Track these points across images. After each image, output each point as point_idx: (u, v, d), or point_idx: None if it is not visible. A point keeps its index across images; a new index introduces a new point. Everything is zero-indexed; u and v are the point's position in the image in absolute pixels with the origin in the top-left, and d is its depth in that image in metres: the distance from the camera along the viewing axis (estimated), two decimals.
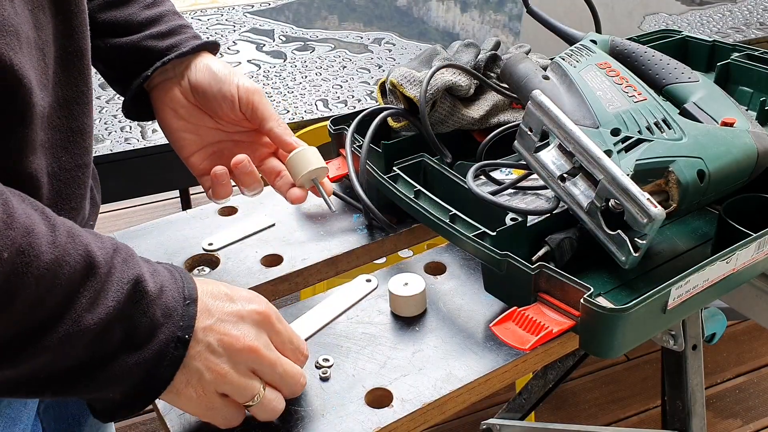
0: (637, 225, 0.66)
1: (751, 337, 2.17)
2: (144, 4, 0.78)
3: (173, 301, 0.54)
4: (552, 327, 0.65)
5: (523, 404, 1.48)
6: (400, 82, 0.87)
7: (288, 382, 0.59)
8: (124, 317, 0.52)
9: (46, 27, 0.58)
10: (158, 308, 0.53)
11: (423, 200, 0.78)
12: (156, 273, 0.55)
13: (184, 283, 0.56)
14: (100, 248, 0.52)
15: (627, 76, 0.79)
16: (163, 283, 0.55)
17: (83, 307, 0.50)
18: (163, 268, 0.57)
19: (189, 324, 0.54)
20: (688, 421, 1.17)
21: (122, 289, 0.52)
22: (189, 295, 0.56)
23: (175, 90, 0.76)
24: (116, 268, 0.52)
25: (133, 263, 0.54)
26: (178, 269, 0.58)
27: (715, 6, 1.90)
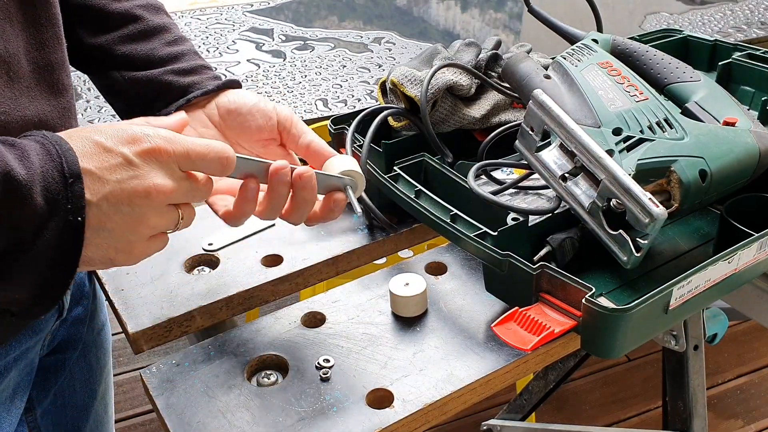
0: (639, 225, 0.66)
1: (752, 338, 2.17)
2: (165, 41, 0.76)
3: (55, 184, 0.49)
4: (553, 327, 0.65)
5: (524, 405, 1.48)
6: (401, 81, 0.87)
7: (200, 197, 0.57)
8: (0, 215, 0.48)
9: (14, 39, 0.57)
10: (38, 195, 0.48)
11: (424, 200, 0.77)
12: (26, 156, 0.49)
13: (62, 156, 0.50)
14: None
15: (628, 75, 0.79)
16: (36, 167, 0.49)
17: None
18: (34, 143, 0.51)
19: (78, 205, 0.50)
20: (689, 421, 1.17)
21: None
22: (71, 171, 0.50)
23: (198, 112, 0.73)
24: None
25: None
26: (51, 139, 0.51)
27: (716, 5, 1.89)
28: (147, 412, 1.94)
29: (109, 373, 0.87)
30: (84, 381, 0.81)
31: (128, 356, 2.06)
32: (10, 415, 0.69)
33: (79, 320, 0.80)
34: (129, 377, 2.02)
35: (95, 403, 0.83)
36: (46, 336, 0.74)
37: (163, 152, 0.53)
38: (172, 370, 0.67)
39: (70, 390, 0.80)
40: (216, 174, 0.57)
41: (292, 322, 0.72)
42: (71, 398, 0.79)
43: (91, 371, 0.82)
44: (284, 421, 0.62)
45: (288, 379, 0.66)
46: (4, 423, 0.68)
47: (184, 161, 0.54)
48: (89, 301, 0.82)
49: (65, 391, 0.79)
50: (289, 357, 0.68)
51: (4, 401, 0.68)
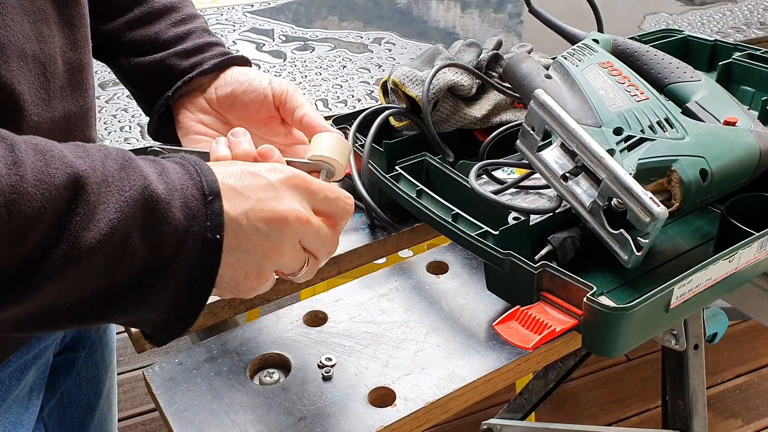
0: (640, 224, 0.66)
1: (751, 338, 2.17)
2: (172, 21, 0.76)
3: (194, 200, 0.48)
4: (555, 326, 0.65)
5: (524, 404, 1.48)
6: (402, 81, 0.87)
7: (327, 247, 0.56)
8: (138, 229, 0.46)
9: (51, 40, 0.57)
10: (178, 211, 0.47)
11: (425, 199, 0.78)
12: (165, 172, 0.49)
13: (202, 176, 0.50)
14: (83, 157, 0.46)
15: (629, 75, 0.79)
16: (175, 183, 0.48)
17: (78, 225, 0.44)
18: (173, 164, 0.50)
19: (217, 222, 0.49)
20: (689, 420, 1.17)
21: (124, 198, 0.46)
22: (210, 190, 0.49)
23: (199, 98, 0.73)
24: (112, 177, 0.46)
25: (134, 167, 0.48)
26: (191, 160, 0.51)
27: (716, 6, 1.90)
28: (148, 412, 1.94)
29: (114, 372, 0.87)
30: (90, 380, 0.81)
31: (129, 356, 2.07)
32: (27, 413, 0.69)
33: None
34: (130, 377, 2.02)
35: (100, 402, 0.83)
36: (60, 334, 0.74)
37: (303, 183, 0.54)
38: (174, 369, 0.67)
39: (76, 389, 0.80)
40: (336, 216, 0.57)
41: (294, 321, 0.73)
42: (77, 397, 0.79)
43: (96, 370, 0.82)
44: (286, 419, 0.62)
45: (290, 378, 0.66)
46: (24, 420, 0.68)
47: (319, 198, 0.55)
48: None
49: (71, 390, 0.79)
50: (291, 356, 0.68)
51: (22, 399, 0.68)
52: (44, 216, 0.43)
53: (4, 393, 0.66)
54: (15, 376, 0.67)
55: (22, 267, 0.43)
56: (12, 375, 0.66)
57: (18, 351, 0.66)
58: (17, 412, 0.68)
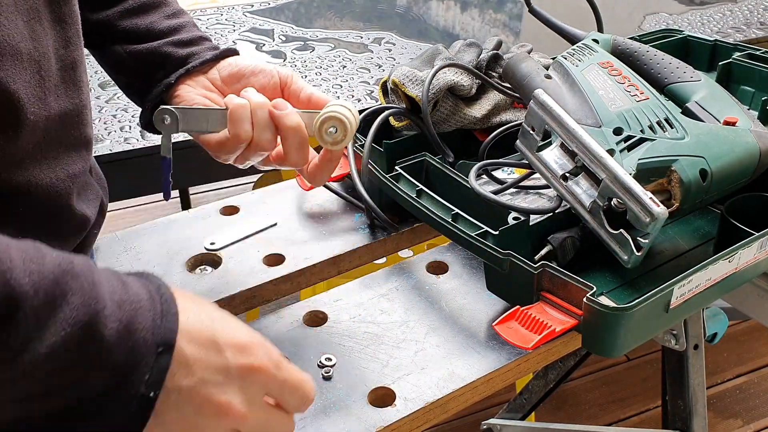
0: (640, 224, 0.66)
1: (751, 338, 2.17)
2: (165, 14, 0.77)
3: (143, 346, 0.43)
4: (555, 326, 0.65)
5: (524, 404, 1.48)
6: (402, 81, 0.87)
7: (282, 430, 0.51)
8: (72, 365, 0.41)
9: (44, 38, 0.57)
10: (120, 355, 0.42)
11: (425, 199, 0.78)
12: (125, 305, 0.43)
13: (163, 320, 0.44)
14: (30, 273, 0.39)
15: (629, 75, 0.79)
16: (132, 322, 0.43)
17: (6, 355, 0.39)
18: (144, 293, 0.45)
19: (158, 378, 0.43)
20: (689, 420, 1.17)
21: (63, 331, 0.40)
22: (164, 340, 0.44)
23: (200, 78, 0.74)
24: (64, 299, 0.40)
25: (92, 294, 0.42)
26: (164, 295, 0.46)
27: (716, 6, 1.90)
28: None
29: None
30: None
31: None
32: None
33: None
34: None
35: None
36: None
37: (265, 375, 0.48)
38: None
39: None
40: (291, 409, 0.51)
41: (294, 321, 0.73)
42: None
43: None
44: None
45: None
46: None
47: (276, 389, 0.49)
48: None
49: None
50: (291, 355, 0.68)
51: None
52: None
53: None
54: None
55: None
56: None
57: None
58: None
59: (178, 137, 1.32)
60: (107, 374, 0.42)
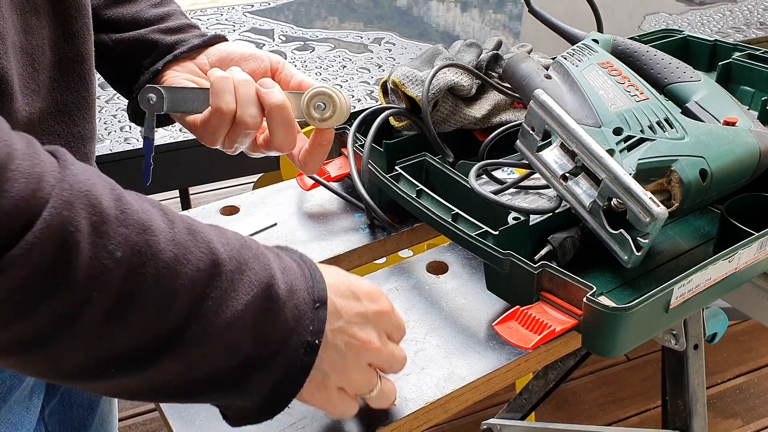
0: (640, 224, 0.66)
1: (751, 338, 2.17)
2: (152, 2, 0.77)
3: (304, 304, 0.51)
4: (555, 326, 0.65)
5: (524, 404, 1.48)
6: (402, 81, 0.87)
7: (397, 366, 0.59)
8: (255, 321, 0.48)
9: (39, 31, 0.57)
10: (289, 312, 0.50)
11: (425, 199, 0.78)
12: (286, 271, 0.52)
13: (314, 282, 0.53)
14: (224, 244, 0.48)
15: (629, 75, 0.79)
16: (293, 284, 0.51)
17: (209, 309, 0.46)
18: (292, 262, 0.53)
19: (319, 329, 0.52)
20: (689, 420, 1.17)
21: (251, 291, 0.48)
22: (319, 297, 0.53)
23: (188, 63, 0.73)
24: (246, 266, 0.49)
25: (264, 261, 0.50)
26: (307, 262, 0.55)
27: (715, 6, 1.90)
28: (148, 412, 1.94)
29: None
30: None
31: None
32: (29, 413, 0.69)
33: None
34: None
35: (101, 402, 0.83)
36: None
37: (389, 316, 0.58)
38: None
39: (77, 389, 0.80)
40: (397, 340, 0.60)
41: None
42: (78, 397, 0.79)
43: None
44: (286, 419, 0.62)
45: None
46: (24, 421, 0.68)
47: (394, 329, 0.59)
48: None
49: (72, 391, 0.79)
50: None
51: (23, 400, 0.68)
52: (182, 294, 0.45)
53: (5, 394, 0.65)
54: (16, 376, 0.67)
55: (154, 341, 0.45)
56: (13, 375, 0.66)
57: None
58: (18, 413, 0.68)
59: (178, 137, 1.32)
60: (281, 328, 0.50)
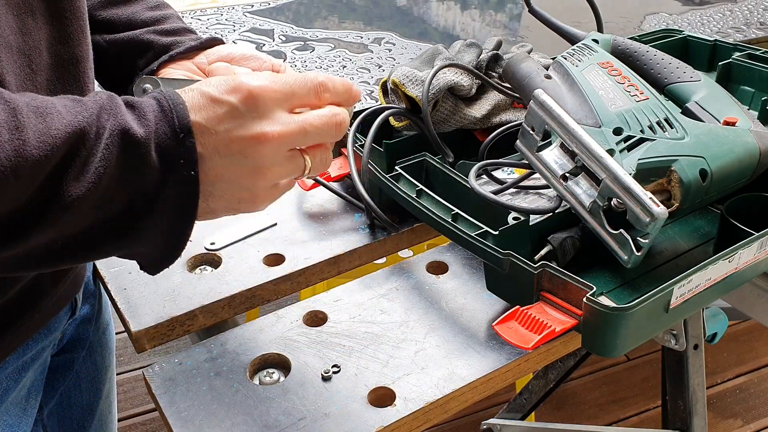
0: (640, 224, 0.66)
1: (751, 338, 2.17)
2: (148, 5, 0.76)
3: (166, 138, 0.50)
4: (555, 326, 0.65)
5: (524, 404, 1.48)
6: (402, 81, 0.87)
7: (328, 133, 0.55)
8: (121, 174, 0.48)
9: (36, 33, 0.57)
10: (154, 152, 0.49)
11: (425, 199, 0.78)
12: (144, 116, 0.50)
13: (174, 112, 0.51)
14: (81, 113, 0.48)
15: (629, 75, 0.79)
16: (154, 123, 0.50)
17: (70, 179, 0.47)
18: (151, 100, 0.52)
19: (191, 159, 0.50)
20: (689, 420, 1.17)
21: (109, 146, 0.48)
22: (182, 127, 0.50)
23: (185, 63, 0.72)
24: (102, 128, 0.48)
25: (119, 114, 0.49)
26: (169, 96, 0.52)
27: (715, 6, 1.90)
28: (148, 412, 1.94)
29: (113, 373, 0.87)
30: (89, 381, 0.81)
31: (128, 356, 2.07)
32: (26, 415, 0.69)
33: (86, 319, 0.80)
34: (129, 377, 2.02)
35: (100, 403, 0.83)
36: (58, 335, 0.74)
37: (264, 95, 0.53)
38: (174, 369, 0.67)
39: (76, 390, 0.80)
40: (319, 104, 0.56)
41: (294, 321, 0.73)
42: (77, 398, 0.79)
43: (96, 371, 0.82)
44: (286, 419, 0.62)
45: (290, 378, 0.66)
46: (22, 423, 0.68)
47: (290, 100, 0.54)
48: (95, 299, 0.82)
49: (71, 391, 0.79)
50: (291, 356, 0.68)
51: (20, 401, 0.68)
52: (43, 173, 0.46)
53: (1, 395, 0.65)
54: (12, 377, 0.67)
55: (19, 217, 0.46)
56: (9, 377, 0.66)
57: (15, 352, 0.66)
58: (15, 415, 0.68)
59: None
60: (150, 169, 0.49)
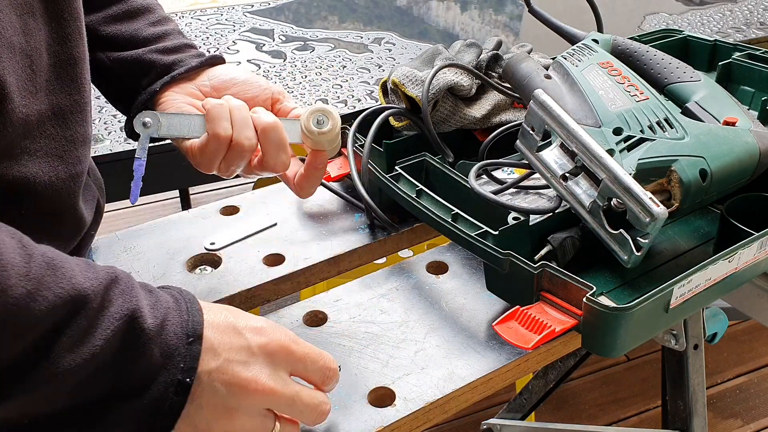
0: (640, 224, 0.66)
1: (751, 338, 2.17)
2: (150, 21, 0.76)
3: (175, 338, 0.49)
4: (555, 326, 0.65)
5: (524, 404, 1.48)
6: (402, 81, 0.87)
7: (309, 415, 0.55)
8: (116, 358, 0.47)
9: (36, 33, 0.57)
10: (157, 347, 0.48)
11: (425, 199, 0.78)
12: (157, 305, 0.50)
13: (190, 315, 0.51)
14: (90, 279, 0.47)
15: (629, 75, 0.79)
16: (165, 317, 0.49)
17: (65, 346, 0.44)
18: (168, 295, 0.52)
19: (191, 365, 0.49)
20: (689, 420, 1.17)
21: (113, 326, 0.46)
22: (193, 331, 0.50)
23: (185, 85, 0.73)
24: (111, 302, 0.47)
25: (132, 295, 0.48)
26: (185, 295, 0.52)
27: (716, 6, 1.90)
28: None
29: None
30: None
31: None
32: None
33: None
34: None
35: None
36: None
37: (284, 349, 0.53)
38: None
39: None
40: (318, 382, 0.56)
41: (294, 322, 0.73)
42: None
43: None
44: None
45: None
46: None
47: (299, 365, 0.54)
48: None
49: None
50: None
51: None
52: (38, 330, 0.43)
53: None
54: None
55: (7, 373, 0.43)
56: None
57: None
58: None
59: None
60: (146, 363, 0.47)
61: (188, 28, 1.77)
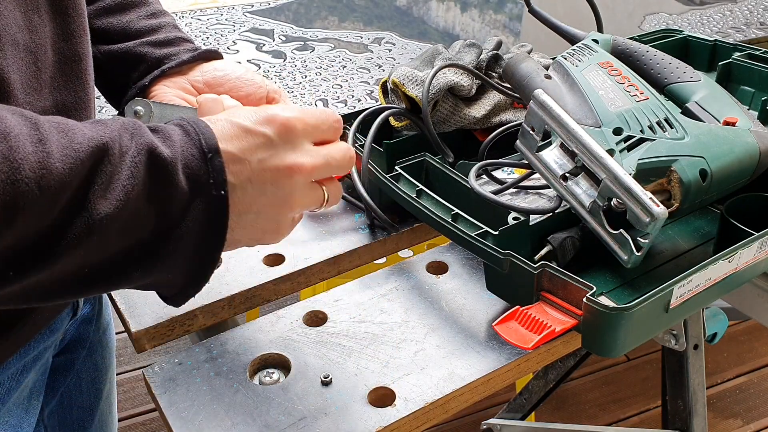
0: (640, 224, 0.66)
1: (751, 338, 2.17)
2: (143, 13, 0.75)
3: (194, 159, 0.50)
4: (555, 326, 0.65)
5: (524, 404, 1.48)
6: (402, 81, 0.87)
7: (344, 167, 0.58)
8: (148, 193, 0.48)
9: (41, 30, 0.57)
10: (181, 172, 0.49)
11: (425, 199, 0.78)
12: (167, 136, 0.50)
13: (200, 134, 0.51)
14: (103, 130, 0.48)
15: (629, 75, 0.79)
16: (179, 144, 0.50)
17: (97, 195, 0.46)
18: (173, 125, 0.52)
19: (220, 179, 0.50)
20: (689, 420, 1.17)
21: (136, 165, 0.47)
22: (209, 147, 0.50)
23: (178, 79, 0.72)
24: (128, 146, 0.48)
25: (143, 135, 0.49)
26: (191, 121, 0.53)
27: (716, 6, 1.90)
28: (147, 412, 1.94)
29: (113, 373, 0.87)
30: (90, 381, 0.81)
31: (128, 356, 2.07)
32: (28, 415, 0.69)
33: (87, 319, 0.80)
34: (129, 377, 2.02)
35: (100, 403, 0.83)
36: (59, 335, 0.74)
37: (297, 127, 0.54)
38: (174, 369, 0.67)
39: (76, 390, 0.80)
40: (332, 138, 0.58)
41: (294, 321, 0.73)
42: (77, 398, 0.79)
43: (96, 371, 0.82)
44: (286, 419, 0.62)
45: (290, 378, 0.66)
46: (24, 423, 0.68)
47: (316, 132, 0.56)
48: (95, 300, 0.82)
49: (72, 392, 0.79)
50: (291, 356, 0.68)
51: (22, 401, 0.68)
52: (69, 188, 0.45)
53: (4, 396, 0.66)
54: (15, 378, 0.67)
55: (47, 236, 0.45)
56: (12, 377, 0.66)
57: (17, 353, 0.66)
58: (17, 415, 0.68)
59: None
60: (177, 190, 0.48)
61: (188, 28, 1.77)
